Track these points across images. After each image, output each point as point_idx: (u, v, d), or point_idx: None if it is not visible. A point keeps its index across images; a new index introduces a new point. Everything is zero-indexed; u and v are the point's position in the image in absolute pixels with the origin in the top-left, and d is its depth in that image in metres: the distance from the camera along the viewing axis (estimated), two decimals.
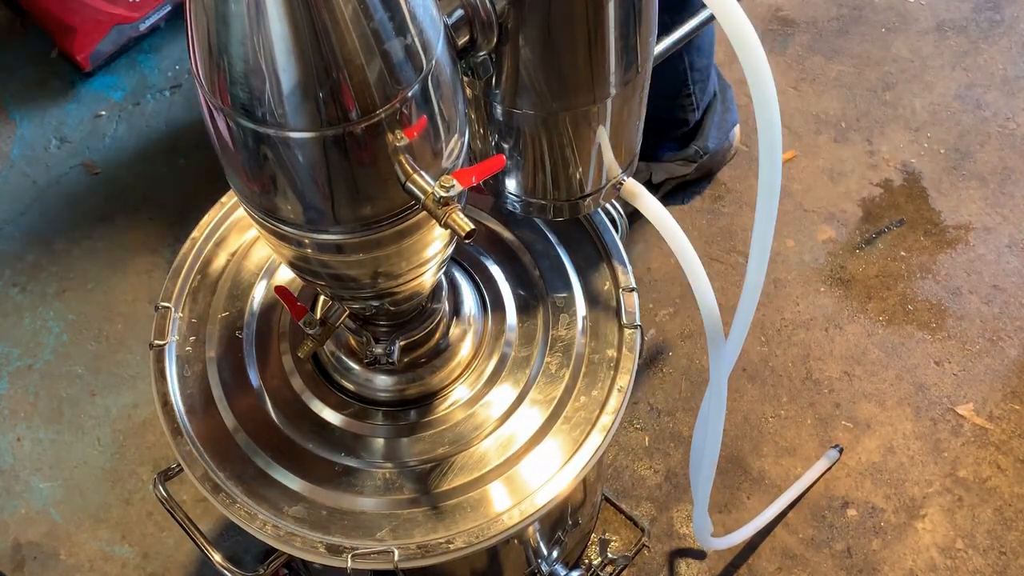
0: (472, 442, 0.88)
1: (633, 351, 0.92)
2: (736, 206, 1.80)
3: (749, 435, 1.54)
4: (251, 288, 0.98)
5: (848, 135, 1.90)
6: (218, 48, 0.56)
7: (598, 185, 0.85)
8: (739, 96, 1.86)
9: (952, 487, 1.49)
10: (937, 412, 1.56)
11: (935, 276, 1.70)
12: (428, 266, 0.76)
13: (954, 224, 1.77)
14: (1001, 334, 1.63)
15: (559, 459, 0.86)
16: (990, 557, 1.43)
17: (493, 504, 0.84)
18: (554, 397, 0.90)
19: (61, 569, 1.48)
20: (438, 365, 0.92)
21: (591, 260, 0.99)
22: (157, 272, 1.77)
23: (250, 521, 0.83)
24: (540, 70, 0.72)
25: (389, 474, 0.87)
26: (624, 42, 0.72)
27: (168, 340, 0.94)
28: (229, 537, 1.48)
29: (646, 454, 1.53)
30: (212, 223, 1.01)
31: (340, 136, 0.59)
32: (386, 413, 0.92)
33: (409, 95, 0.60)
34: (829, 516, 1.47)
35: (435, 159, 0.65)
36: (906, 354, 1.62)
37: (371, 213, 0.65)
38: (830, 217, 1.78)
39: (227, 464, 0.87)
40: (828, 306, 1.68)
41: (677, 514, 1.48)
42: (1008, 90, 1.95)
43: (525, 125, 0.77)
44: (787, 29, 2.07)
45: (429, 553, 0.81)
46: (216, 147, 0.64)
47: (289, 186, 0.63)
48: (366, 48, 0.56)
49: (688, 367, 1.62)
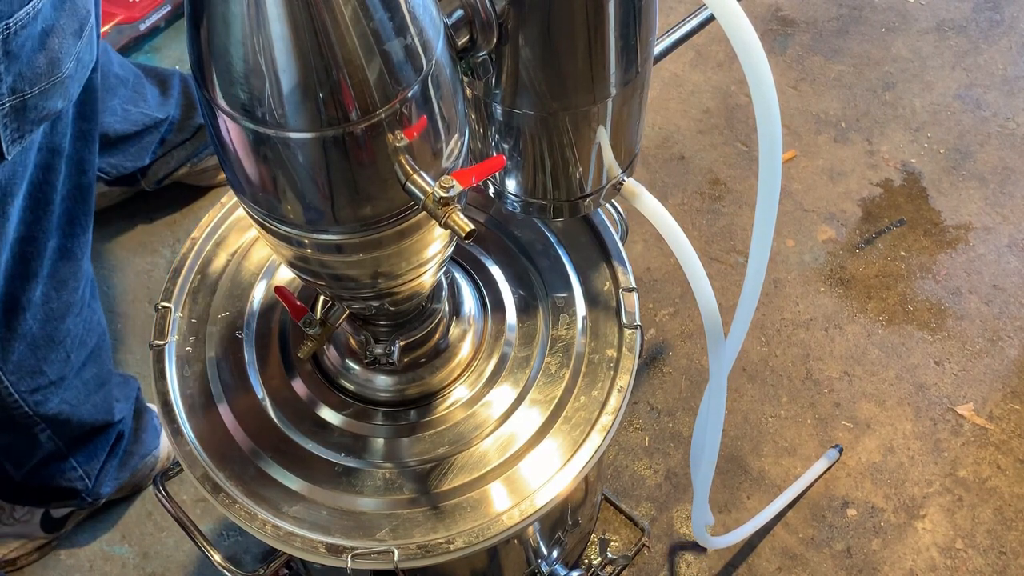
0: (472, 442, 0.88)
1: (633, 351, 0.92)
2: (736, 206, 1.80)
3: (749, 435, 1.54)
4: (251, 288, 0.98)
5: (848, 135, 1.90)
6: (218, 48, 0.56)
7: (598, 185, 0.85)
8: (738, 95, 1.86)
9: (952, 487, 1.49)
10: (937, 412, 1.56)
11: (935, 276, 1.70)
12: (428, 266, 0.76)
13: (954, 224, 1.77)
14: (1001, 334, 1.63)
15: (559, 459, 0.86)
16: (990, 557, 1.43)
17: (493, 504, 0.84)
18: (554, 397, 0.90)
19: (61, 569, 1.48)
20: (438, 365, 0.92)
21: (591, 260, 0.99)
22: (157, 272, 1.77)
23: (250, 521, 0.83)
24: (540, 70, 0.72)
25: (389, 474, 0.87)
26: (624, 42, 0.72)
27: (168, 340, 0.94)
28: (229, 537, 1.48)
29: (646, 454, 1.53)
30: (212, 223, 1.01)
31: (340, 136, 0.59)
32: (386, 413, 0.92)
33: (409, 95, 0.60)
34: (829, 516, 1.47)
35: (435, 159, 0.65)
36: (906, 354, 1.62)
37: (371, 213, 0.65)
38: (830, 217, 1.79)
39: (227, 464, 0.87)
40: (828, 306, 1.68)
41: (677, 514, 1.48)
42: (1008, 90, 1.95)
43: (525, 125, 0.77)
44: (787, 29, 2.08)
45: (429, 553, 0.81)
46: (216, 147, 0.64)
47: (289, 186, 0.63)
48: (366, 48, 0.56)
49: (688, 367, 1.62)
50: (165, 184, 1.78)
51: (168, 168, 1.75)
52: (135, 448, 1.45)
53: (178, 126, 1.70)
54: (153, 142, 1.68)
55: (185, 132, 1.72)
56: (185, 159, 1.75)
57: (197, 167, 1.78)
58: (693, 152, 1.89)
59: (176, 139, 1.71)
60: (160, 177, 1.76)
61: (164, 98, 1.67)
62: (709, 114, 1.94)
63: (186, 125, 1.71)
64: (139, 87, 1.62)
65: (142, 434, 1.46)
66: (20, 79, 0.87)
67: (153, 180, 1.76)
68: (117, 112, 1.58)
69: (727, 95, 1.97)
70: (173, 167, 1.75)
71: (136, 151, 1.67)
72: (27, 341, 1.14)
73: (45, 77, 0.89)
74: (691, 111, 1.95)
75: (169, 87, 1.69)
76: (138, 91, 1.61)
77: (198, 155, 1.76)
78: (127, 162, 1.67)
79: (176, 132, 1.71)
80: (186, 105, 1.70)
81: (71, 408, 1.25)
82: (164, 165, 1.74)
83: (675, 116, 1.95)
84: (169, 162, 1.74)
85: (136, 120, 1.62)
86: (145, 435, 1.47)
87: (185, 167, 1.76)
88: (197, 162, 1.77)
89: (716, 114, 1.94)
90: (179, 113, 1.69)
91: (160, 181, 1.77)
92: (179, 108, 1.69)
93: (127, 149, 1.64)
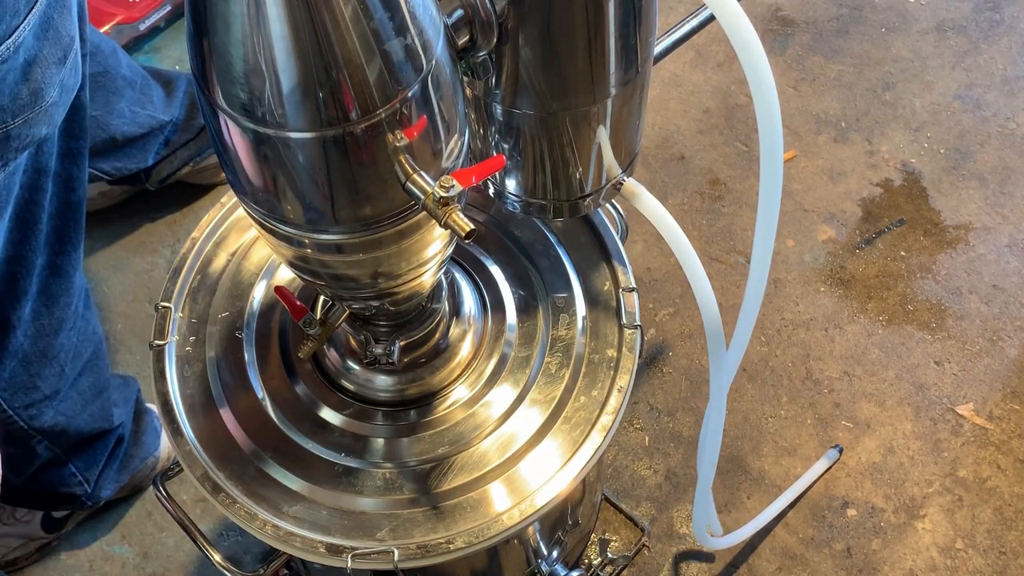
0: (472, 442, 0.88)
1: (633, 351, 0.92)
2: (736, 206, 1.80)
3: (749, 435, 1.54)
4: (251, 288, 0.98)
5: (848, 135, 1.90)
6: (218, 48, 0.56)
7: (598, 185, 0.85)
8: (738, 95, 1.86)
9: (952, 487, 1.49)
10: (937, 412, 1.56)
11: (935, 276, 1.70)
12: (428, 266, 0.76)
13: (954, 224, 1.77)
14: (1001, 334, 1.63)
15: (559, 459, 0.86)
16: (990, 557, 1.43)
17: (493, 504, 0.84)
18: (554, 397, 0.90)
19: (61, 569, 1.48)
20: (438, 365, 0.92)
21: (591, 260, 0.99)
22: (157, 272, 1.77)
23: (250, 521, 0.83)
24: (540, 70, 0.72)
25: (389, 474, 0.87)
26: (624, 42, 0.72)
27: (168, 340, 0.94)
28: (229, 537, 1.48)
29: (646, 454, 1.53)
30: (212, 223, 1.01)
31: (340, 136, 0.59)
32: (386, 413, 0.92)
33: (409, 95, 0.60)
34: (829, 516, 1.47)
35: (435, 159, 0.65)
36: (906, 354, 1.62)
37: (371, 213, 0.65)
38: (830, 217, 1.79)
39: (227, 464, 0.87)
40: (828, 306, 1.68)
41: (677, 514, 1.48)
42: (1008, 90, 1.95)
43: (525, 125, 0.77)
44: (787, 29, 2.08)
45: (429, 553, 0.81)
46: (216, 147, 0.64)
47: (289, 186, 0.63)
48: (366, 48, 0.56)
49: (688, 367, 1.62)
50: (168, 183, 1.79)
51: (172, 168, 1.75)
52: (135, 451, 1.45)
53: (182, 127, 1.71)
54: (157, 143, 1.68)
55: (188, 132, 1.73)
56: (188, 159, 1.76)
57: (200, 166, 1.78)
58: (693, 152, 1.89)
59: (180, 139, 1.72)
60: (164, 177, 1.76)
61: (169, 100, 1.67)
62: (709, 114, 1.94)
63: (189, 125, 1.72)
64: (146, 89, 1.62)
65: (142, 436, 1.46)
66: (3, 112, 0.86)
67: (157, 180, 1.76)
68: (125, 115, 1.58)
69: (727, 95, 1.97)
70: (176, 167, 1.76)
71: (140, 153, 1.67)
72: (19, 358, 1.13)
73: (28, 108, 0.88)
74: (691, 111, 1.95)
75: (174, 88, 1.69)
76: (145, 93, 1.62)
77: (201, 154, 1.77)
78: (130, 164, 1.67)
79: (180, 133, 1.71)
80: (190, 106, 1.71)
81: (67, 419, 1.25)
82: (168, 165, 1.74)
83: (675, 116, 1.95)
84: (173, 162, 1.74)
85: (143, 123, 1.62)
86: (145, 437, 1.46)
87: (188, 166, 1.77)
88: (200, 161, 1.77)
89: (716, 114, 1.94)
90: (183, 114, 1.70)
91: (164, 180, 1.77)
92: (183, 109, 1.70)
93: (131, 151, 1.65)
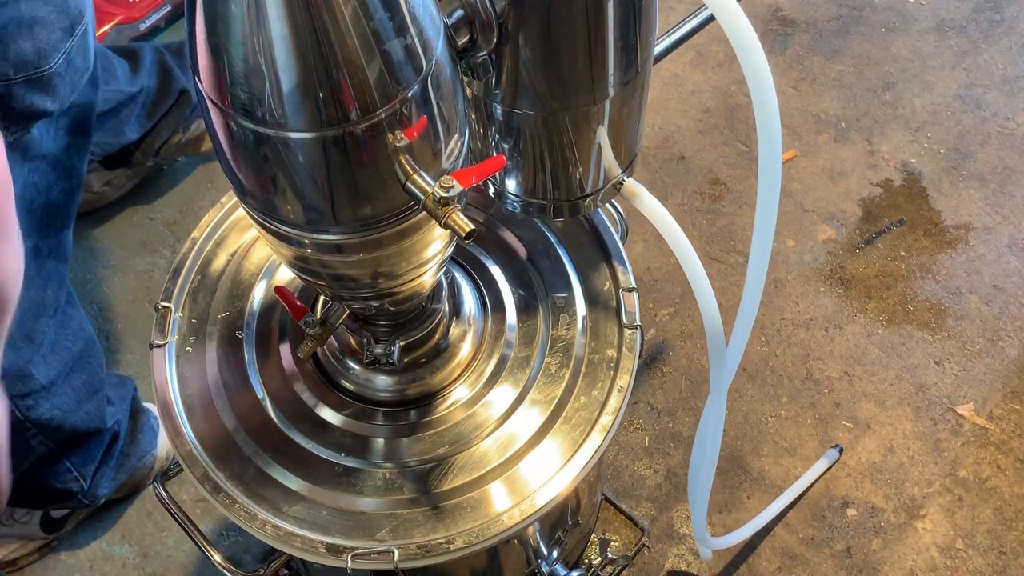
0: (472, 442, 0.88)
1: (633, 351, 0.92)
2: (736, 206, 1.80)
3: (749, 435, 1.54)
4: (251, 288, 0.98)
5: (848, 135, 1.90)
6: (218, 48, 0.56)
7: (598, 185, 0.85)
8: (738, 95, 1.86)
9: (952, 487, 1.49)
10: (937, 412, 1.56)
11: (935, 276, 1.71)
12: (428, 266, 0.76)
13: (954, 224, 1.77)
14: (1001, 334, 1.63)
15: (559, 459, 0.86)
16: (990, 557, 1.43)
17: (493, 504, 0.84)
18: (554, 397, 0.90)
19: (61, 569, 1.48)
20: (438, 365, 0.92)
21: (591, 260, 0.99)
22: (157, 272, 1.77)
23: (250, 521, 0.83)
24: (540, 70, 0.72)
25: (389, 474, 0.87)
26: (624, 42, 0.72)
27: (168, 340, 0.94)
28: (229, 537, 1.48)
29: (646, 454, 1.53)
30: (212, 223, 1.01)
31: (340, 136, 0.59)
32: (386, 413, 0.92)
33: (409, 95, 0.60)
34: (829, 516, 1.47)
35: (435, 159, 0.65)
36: (906, 354, 1.62)
37: (371, 213, 0.65)
38: (830, 217, 1.79)
39: (227, 464, 0.87)
40: (828, 306, 1.68)
41: (677, 514, 1.48)
42: (1008, 90, 1.95)
43: (525, 125, 0.77)
44: (787, 29, 2.08)
45: (429, 553, 0.81)
46: (216, 147, 0.64)
47: (289, 186, 0.63)
48: (366, 48, 0.56)
49: (688, 367, 1.62)
50: (162, 156, 1.77)
51: (161, 139, 1.74)
52: (131, 450, 1.45)
53: (157, 95, 1.69)
54: (131, 115, 1.67)
55: (168, 99, 1.71)
56: (175, 126, 1.74)
57: (190, 133, 1.77)
58: (693, 152, 1.89)
59: (160, 108, 1.71)
60: (156, 149, 1.74)
61: (135, 73, 1.67)
62: (709, 114, 1.94)
63: (166, 92, 1.70)
64: (108, 65, 1.62)
65: (138, 435, 1.46)
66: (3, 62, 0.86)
67: (149, 153, 1.75)
68: None
69: (727, 95, 1.97)
70: (165, 137, 1.74)
71: (114, 126, 1.66)
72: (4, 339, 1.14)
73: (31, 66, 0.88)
74: (691, 111, 1.95)
75: (139, 60, 1.68)
76: (107, 69, 1.61)
77: (187, 119, 1.75)
78: (109, 138, 1.66)
79: (157, 102, 1.70)
80: (161, 73, 1.69)
81: (62, 415, 1.25)
82: (157, 136, 1.73)
83: (675, 116, 1.95)
84: (161, 132, 1.73)
85: (109, 98, 1.61)
86: (142, 436, 1.46)
87: (177, 134, 1.75)
88: (187, 126, 1.76)
89: (716, 114, 1.94)
90: (155, 81, 1.68)
91: (157, 153, 1.75)
92: (154, 77, 1.68)
93: (104, 126, 1.64)
